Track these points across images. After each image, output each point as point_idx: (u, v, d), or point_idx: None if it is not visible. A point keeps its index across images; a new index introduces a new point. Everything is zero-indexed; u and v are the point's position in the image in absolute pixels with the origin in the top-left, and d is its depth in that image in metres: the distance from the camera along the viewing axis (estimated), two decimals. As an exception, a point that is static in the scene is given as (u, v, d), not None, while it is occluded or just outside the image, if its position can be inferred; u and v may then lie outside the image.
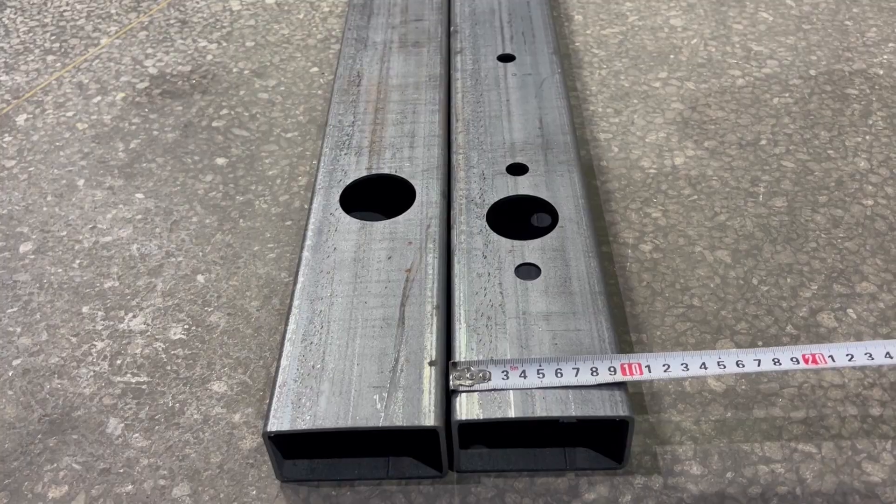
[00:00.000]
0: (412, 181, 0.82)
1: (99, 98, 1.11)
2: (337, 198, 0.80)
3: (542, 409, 0.61)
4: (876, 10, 1.21)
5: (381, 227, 0.77)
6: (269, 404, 0.63)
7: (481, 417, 0.61)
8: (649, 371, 0.62)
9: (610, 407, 0.61)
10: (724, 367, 0.62)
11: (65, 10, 1.31)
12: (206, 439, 0.70)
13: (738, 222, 0.88)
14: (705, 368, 0.62)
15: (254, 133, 1.03)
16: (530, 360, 0.63)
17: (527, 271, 0.72)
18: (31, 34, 1.25)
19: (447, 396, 0.63)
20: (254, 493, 0.65)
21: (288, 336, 0.68)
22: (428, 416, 0.61)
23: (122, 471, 0.68)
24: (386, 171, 0.83)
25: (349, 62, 1.00)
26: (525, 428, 0.68)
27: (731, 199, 0.91)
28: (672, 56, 1.14)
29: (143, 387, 0.74)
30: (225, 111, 1.07)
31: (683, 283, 0.81)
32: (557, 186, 0.80)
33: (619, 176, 0.94)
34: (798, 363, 0.62)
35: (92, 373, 0.76)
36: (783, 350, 0.63)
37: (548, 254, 0.73)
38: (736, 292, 0.80)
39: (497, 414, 0.61)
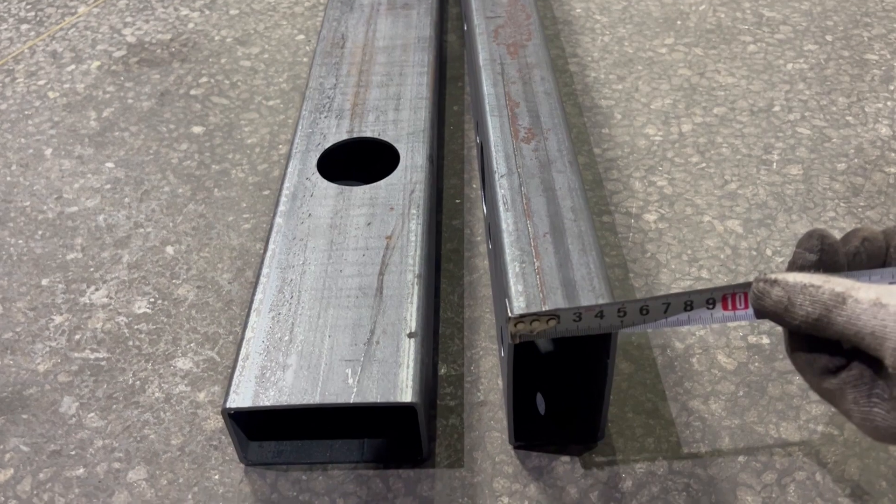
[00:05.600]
0: (396, 145, 0.76)
1: (73, 66, 1.05)
2: (314, 162, 0.74)
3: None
4: (896, -26, 1.14)
5: (361, 192, 0.71)
6: (230, 379, 0.57)
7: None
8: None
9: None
10: None
11: (43, -20, 1.25)
12: (167, 419, 0.64)
13: (751, 191, 0.81)
14: None
15: (233, 101, 0.97)
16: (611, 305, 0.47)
17: None
18: (5, 3, 1.19)
19: (430, 371, 0.57)
20: (216, 477, 0.59)
21: (254, 306, 0.62)
22: (405, 392, 0.55)
23: (73, 453, 0.62)
24: (368, 134, 0.77)
25: (333, 24, 0.94)
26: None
27: (742, 167, 0.84)
28: (679, 22, 1.07)
29: (102, 363, 0.68)
30: (204, 79, 1.01)
31: (691, 255, 0.75)
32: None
33: (622, 143, 0.88)
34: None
35: (48, 348, 0.70)
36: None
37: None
38: (748, 264, 0.73)
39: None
